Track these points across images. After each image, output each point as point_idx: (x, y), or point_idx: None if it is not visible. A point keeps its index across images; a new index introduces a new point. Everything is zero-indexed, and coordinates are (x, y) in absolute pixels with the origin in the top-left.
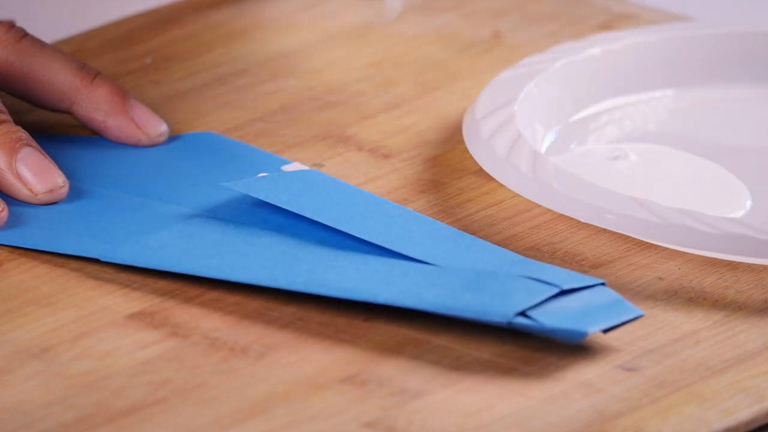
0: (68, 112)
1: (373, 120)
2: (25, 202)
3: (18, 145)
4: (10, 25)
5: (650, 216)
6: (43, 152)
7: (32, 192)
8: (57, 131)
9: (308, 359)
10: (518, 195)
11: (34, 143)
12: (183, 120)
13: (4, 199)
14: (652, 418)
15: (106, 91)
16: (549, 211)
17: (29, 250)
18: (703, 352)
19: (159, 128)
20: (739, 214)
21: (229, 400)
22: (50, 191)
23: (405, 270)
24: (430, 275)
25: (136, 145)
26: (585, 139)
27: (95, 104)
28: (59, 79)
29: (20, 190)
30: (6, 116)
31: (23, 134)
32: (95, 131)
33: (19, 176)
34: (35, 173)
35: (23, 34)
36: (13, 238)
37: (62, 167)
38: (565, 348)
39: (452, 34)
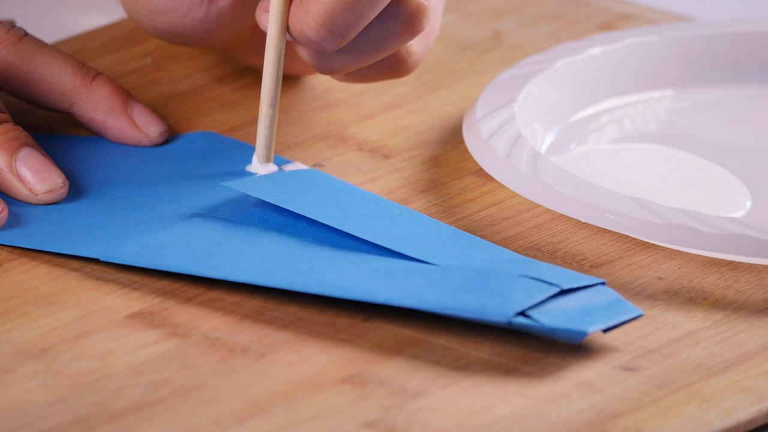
0: (68, 112)
1: (373, 120)
2: (25, 202)
3: (18, 145)
4: (11, 25)
5: (650, 216)
6: (43, 152)
7: (32, 192)
8: (57, 131)
9: (308, 359)
10: (518, 195)
11: (34, 143)
12: (183, 120)
13: (3, 199)
14: (652, 418)
15: (105, 91)
16: (549, 211)
17: (29, 250)
18: (703, 352)
19: (158, 128)
20: (739, 214)
21: (229, 400)
22: (50, 191)
23: (405, 270)
24: (431, 275)
25: (135, 146)
26: (585, 139)
27: (95, 104)
28: (59, 80)
29: (20, 190)
30: (6, 116)
31: (23, 134)
32: (95, 131)
33: (19, 176)
34: (35, 173)
35: (23, 34)
36: (13, 238)
37: (62, 167)
38: (565, 348)
39: (452, 34)
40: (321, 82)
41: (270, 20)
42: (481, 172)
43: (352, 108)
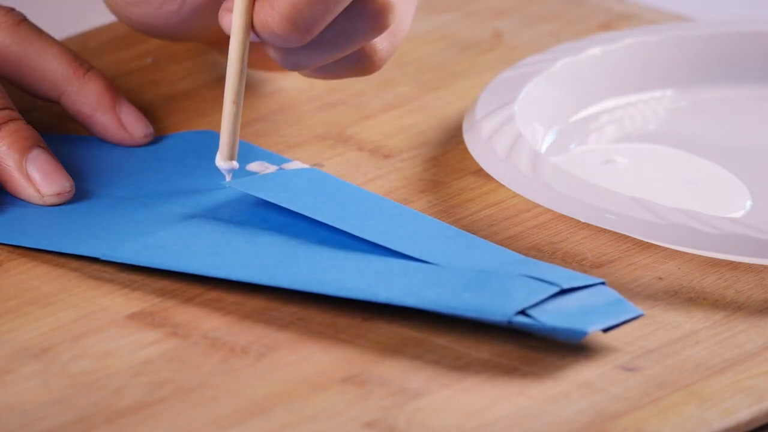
0: (57, 102)
1: (373, 120)
2: (30, 202)
3: (29, 145)
4: (9, 9)
5: (650, 216)
6: (53, 154)
7: (39, 193)
8: (57, 131)
9: (308, 359)
10: (518, 195)
11: (44, 144)
12: (183, 120)
13: (5, 198)
14: (652, 418)
15: (96, 86)
16: (549, 211)
17: (29, 250)
18: (703, 352)
19: (144, 130)
20: (739, 214)
21: (229, 400)
22: (57, 194)
23: (405, 269)
24: (431, 274)
25: (119, 144)
26: (585, 139)
27: (84, 97)
28: (52, 68)
29: (27, 190)
30: (17, 114)
31: (35, 134)
32: (81, 124)
33: (28, 176)
34: (44, 175)
35: (22, 19)
36: (13, 237)
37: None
38: (565, 348)
39: (452, 34)
40: (321, 82)
41: (234, 14)
42: (481, 172)
43: (352, 108)
